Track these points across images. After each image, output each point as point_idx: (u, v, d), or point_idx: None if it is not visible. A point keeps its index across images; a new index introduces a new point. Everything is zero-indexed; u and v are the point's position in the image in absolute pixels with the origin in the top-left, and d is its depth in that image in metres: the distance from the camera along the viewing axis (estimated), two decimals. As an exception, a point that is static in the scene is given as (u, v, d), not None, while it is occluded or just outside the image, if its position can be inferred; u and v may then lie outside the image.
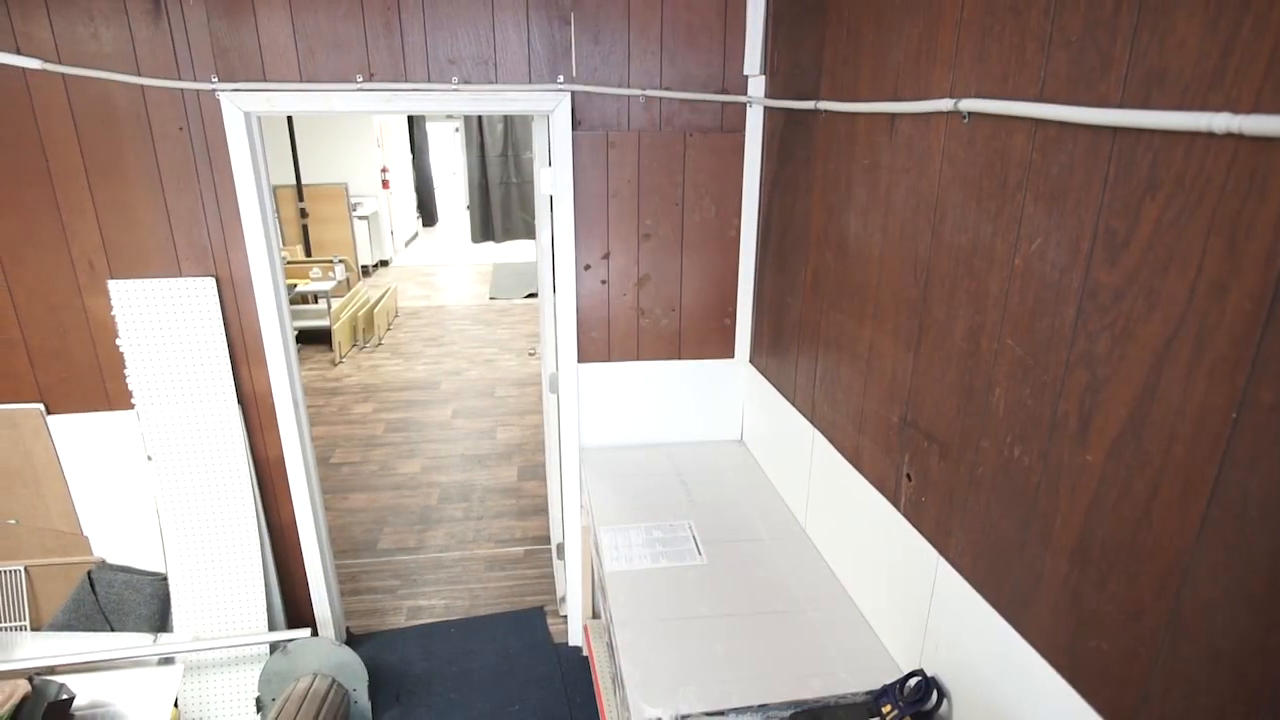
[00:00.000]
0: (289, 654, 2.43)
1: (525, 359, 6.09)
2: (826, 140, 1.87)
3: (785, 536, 2.08)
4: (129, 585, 2.57)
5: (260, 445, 2.51)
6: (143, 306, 2.31)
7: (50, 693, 2.23)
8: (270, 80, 2.17)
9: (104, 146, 2.18)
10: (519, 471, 4.21)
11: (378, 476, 4.18)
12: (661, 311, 2.51)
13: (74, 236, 2.26)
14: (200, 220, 2.27)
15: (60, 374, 2.38)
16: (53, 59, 2.09)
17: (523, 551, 3.47)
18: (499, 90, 2.24)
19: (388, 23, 2.16)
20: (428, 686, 2.68)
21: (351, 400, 5.28)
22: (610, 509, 2.22)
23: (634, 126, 2.32)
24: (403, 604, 3.14)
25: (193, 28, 2.11)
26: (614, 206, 2.38)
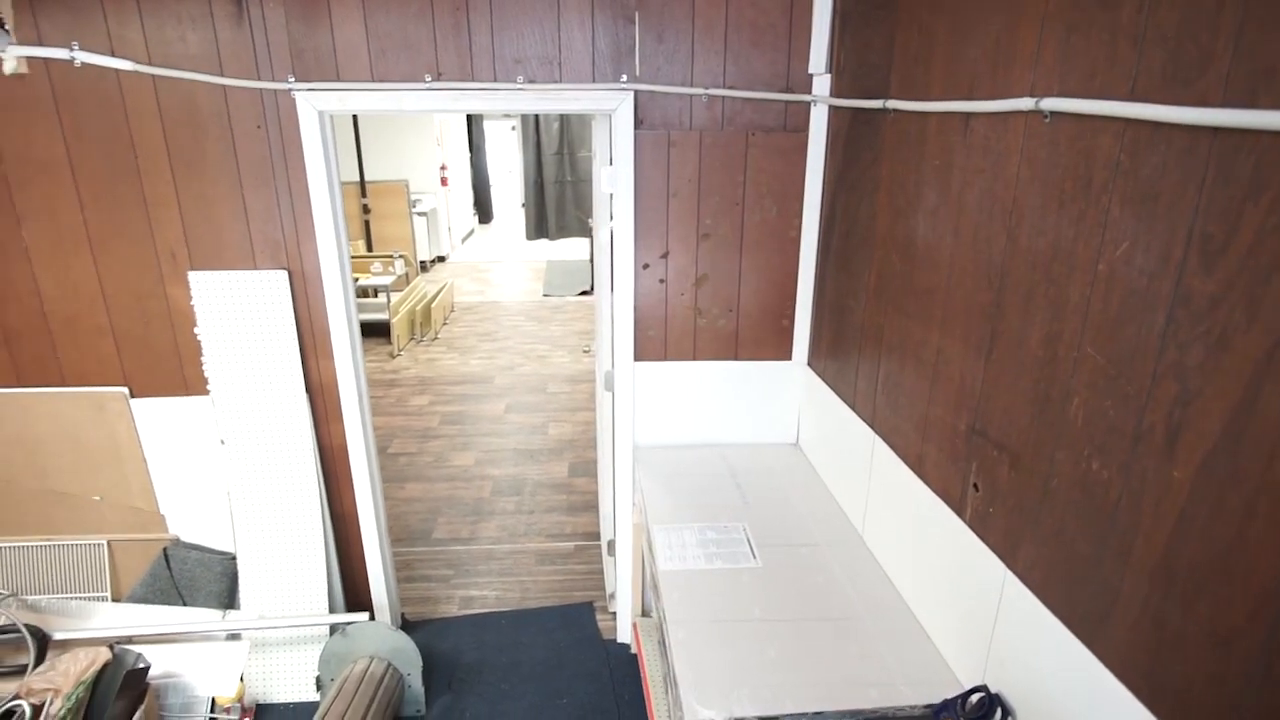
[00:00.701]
0: (348, 636, 2.50)
1: (577, 356, 6.14)
2: (895, 140, 1.83)
3: (841, 542, 2.05)
4: (201, 563, 2.69)
5: (325, 434, 2.59)
6: (219, 297, 2.41)
7: (129, 661, 2.35)
8: (343, 80, 2.24)
9: (188, 144, 2.29)
10: (570, 467, 4.25)
11: (433, 468, 4.27)
12: (719, 311, 2.49)
13: (158, 229, 2.37)
14: (275, 215, 2.36)
15: (143, 359, 2.51)
16: (144, 61, 2.19)
17: (573, 547, 3.50)
18: (563, 90, 2.26)
19: (456, 24, 2.20)
20: (479, 675, 2.73)
21: (409, 392, 5.41)
22: (664, 508, 2.23)
23: (696, 126, 2.31)
24: (455, 593, 3.20)
25: (272, 29, 2.19)
26: (674, 206, 2.38)
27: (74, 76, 2.21)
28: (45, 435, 2.56)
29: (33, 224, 2.34)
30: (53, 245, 2.37)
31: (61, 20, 2.15)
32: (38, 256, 2.38)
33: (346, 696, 2.30)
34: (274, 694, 2.63)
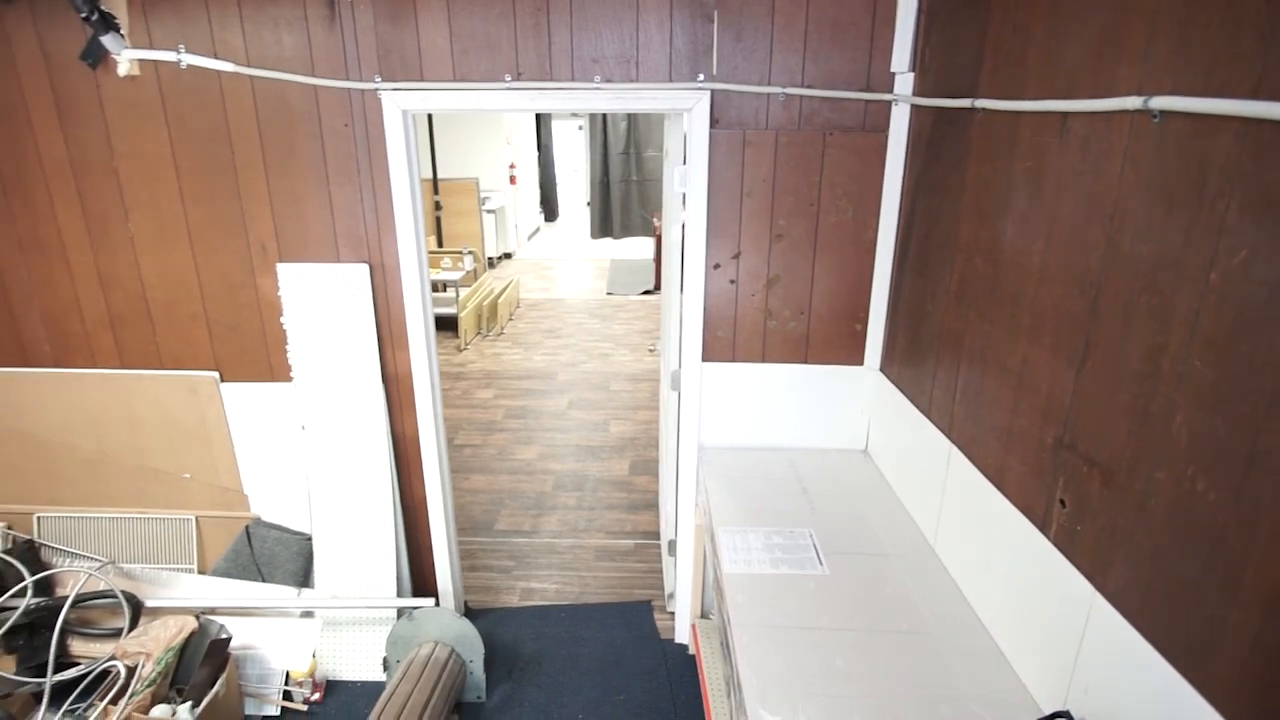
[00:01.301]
0: (414, 620, 2.58)
1: (640, 354, 6.16)
2: (983, 140, 1.77)
3: (912, 554, 1.99)
4: (280, 542, 2.81)
5: (399, 423, 2.68)
6: (305, 288, 2.51)
7: (213, 631, 2.48)
8: (427, 80, 2.30)
9: (280, 141, 2.39)
10: (631, 466, 4.27)
11: (496, 460, 4.36)
12: (790, 314, 2.46)
13: (251, 223, 2.49)
14: (358, 211, 2.45)
15: (233, 346, 2.64)
16: (243, 62, 2.31)
17: (632, 545, 3.51)
18: (639, 89, 2.27)
19: (537, 24, 2.24)
20: (538, 666, 2.77)
21: (474, 386, 5.53)
22: (729, 510, 2.21)
23: (772, 125, 2.28)
24: (516, 584, 3.26)
25: (361, 31, 2.27)
26: (747, 206, 2.36)
27: (180, 78, 2.34)
28: (144, 415, 2.73)
29: (139, 216, 2.49)
30: (155, 236, 2.52)
31: (171, 25, 2.28)
32: (142, 246, 2.53)
33: (412, 678, 2.37)
34: (343, 671, 2.73)
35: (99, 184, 2.47)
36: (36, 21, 2.31)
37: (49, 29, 2.31)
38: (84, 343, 2.67)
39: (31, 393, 2.72)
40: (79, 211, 2.50)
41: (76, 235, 2.53)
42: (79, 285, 2.59)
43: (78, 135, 2.42)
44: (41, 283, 2.60)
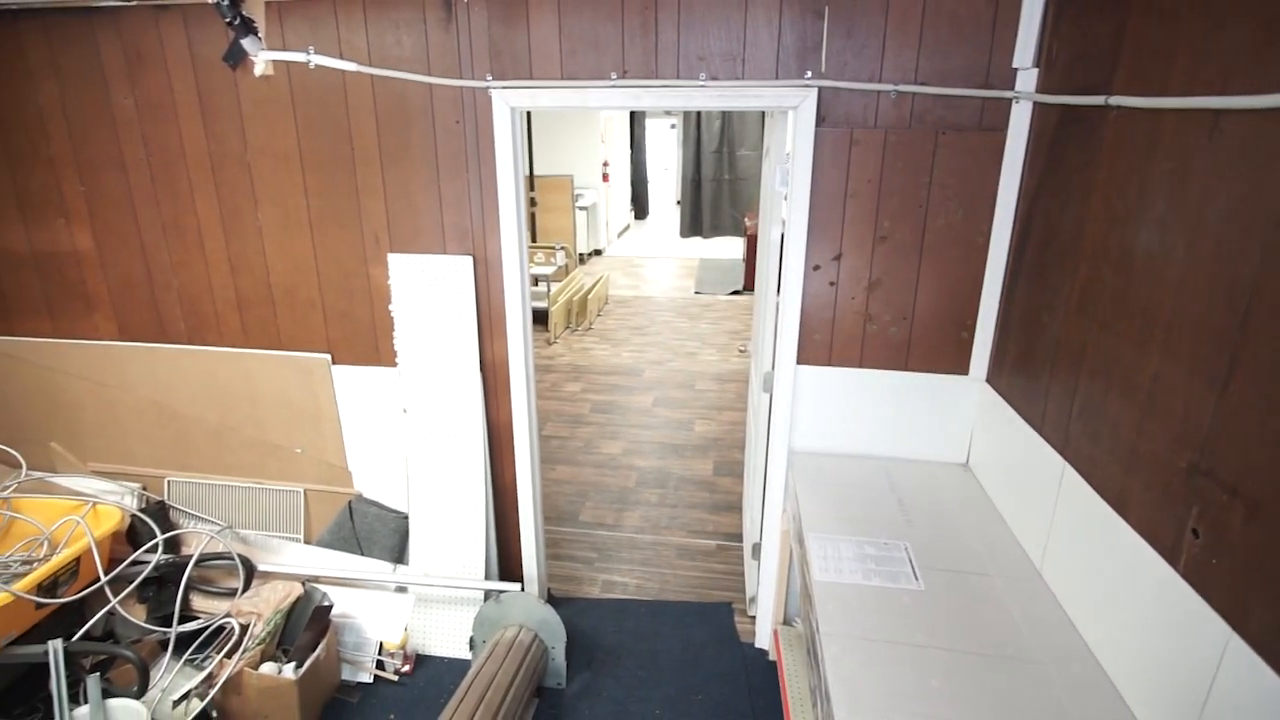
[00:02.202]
0: (501, 603, 2.65)
1: (726, 354, 6.12)
2: (1116, 140, 1.65)
3: (1016, 575, 1.89)
4: (379, 518, 2.95)
5: (493, 410, 2.76)
6: (413, 278, 2.63)
7: (316, 597, 2.63)
8: (535, 78, 2.36)
9: (396, 138, 2.51)
10: (714, 466, 4.24)
11: (582, 453, 4.43)
12: (891, 319, 2.38)
13: (366, 215, 2.62)
14: (465, 204, 2.54)
15: (344, 331, 2.79)
16: (365, 62, 2.43)
17: (714, 546, 3.49)
18: (744, 86, 2.24)
19: (644, 22, 2.25)
20: (617, 659, 2.80)
21: (562, 379, 5.64)
22: (819, 517, 2.16)
23: (881, 124, 2.21)
24: (598, 576, 3.30)
25: (475, 32, 2.35)
26: (851, 207, 2.30)
27: (308, 77, 2.49)
28: (263, 392, 2.92)
29: (267, 207, 2.67)
30: (280, 225, 2.69)
31: (302, 28, 2.43)
32: (268, 235, 2.71)
33: (497, 659, 2.44)
34: (432, 646, 2.84)
35: (233, 176, 2.66)
36: (187, 26, 2.51)
37: (197, 33, 2.51)
38: (214, 322, 2.88)
39: (167, 366, 2.97)
40: (215, 201, 2.71)
41: (212, 223, 2.74)
42: (212, 269, 2.80)
43: (217, 130, 2.61)
44: (180, 266, 2.82)
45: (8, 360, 3.09)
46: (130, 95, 2.62)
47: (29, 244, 2.91)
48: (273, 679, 2.37)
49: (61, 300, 2.97)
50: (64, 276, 2.93)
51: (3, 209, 2.87)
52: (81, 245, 2.87)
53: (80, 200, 2.80)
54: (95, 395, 3.08)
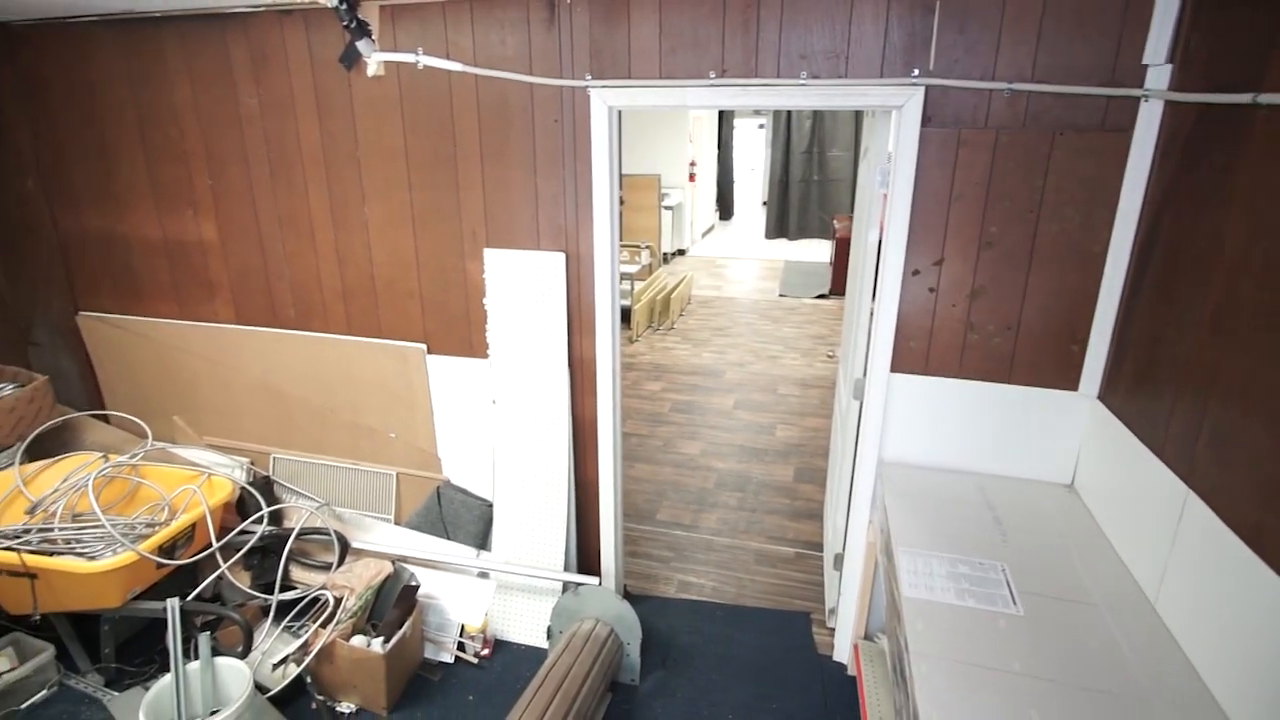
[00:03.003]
0: (579, 596, 2.69)
1: (810, 359, 6.00)
2: (1265, 141, 1.51)
3: (1126, 609, 1.77)
4: (465, 505, 3.05)
5: (579, 406, 2.80)
6: (507, 273, 2.69)
7: (405, 577, 2.73)
8: (634, 78, 2.37)
9: (496, 136, 2.58)
10: (795, 472, 4.16)
11: (661, 452, 4.44)
12: (995, 328, 2.27)
13: (465, 210, 2.70)
14: (560, 202, 2.58)
15: (440, 322, 2.89)
16: (470, 62, 2.51)
17: (793, 553, 3.43)
18: (847, 85, 2.19)
19: (746, 20, 2.22)
20: (691, 660, 2.79)
21: (643, 377, 5.66)
22: (910, 531, 2.09)
23: (992, 124, 2.11)
24: (674, 576, 3.30)
25: (576, 32, 2.39)
26: (956, 210, 2.20)
27: (416, 77, 2.59)
28: (363, 377, 3.07)
29: (374, 201, 2.80)
30: (385, 219, 2.81)
31: (412, 30, 2.53)
32: (374, 229, 2.84)
33: (574, 651, 2.48)
34: (510, 633, 2.91)
35: (343, 172, 2.80)
36: (308, 30, 2.65)
37: (316, 36, 2.65)
38: (321, 310, 3.04)
39: (277, 350, 3.15)
40: (326, 195, 2.85)
41: (323, 216, 2.89)
42: (321, 260, 2.96)
43: (331, 128, 2.75)
44: (292, 256, 2.99)
45: (139, 339, 3.36)
46: (255, 95, 2.80)
47: (162, 232, 3.15)
48: (363, 651, 2.48)
49: (187, 285, 3.21)
50: (190, 263, 3.16)
51: (141, 200, 3.12)
52: (207, 235, 3.09)
53: (207, 193, 3.01)
54: (212, 374, 3.31)
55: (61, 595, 2.45)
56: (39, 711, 2.59)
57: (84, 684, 2.69)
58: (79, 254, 3.32)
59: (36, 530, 2.58)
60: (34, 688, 2.63)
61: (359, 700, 2.58)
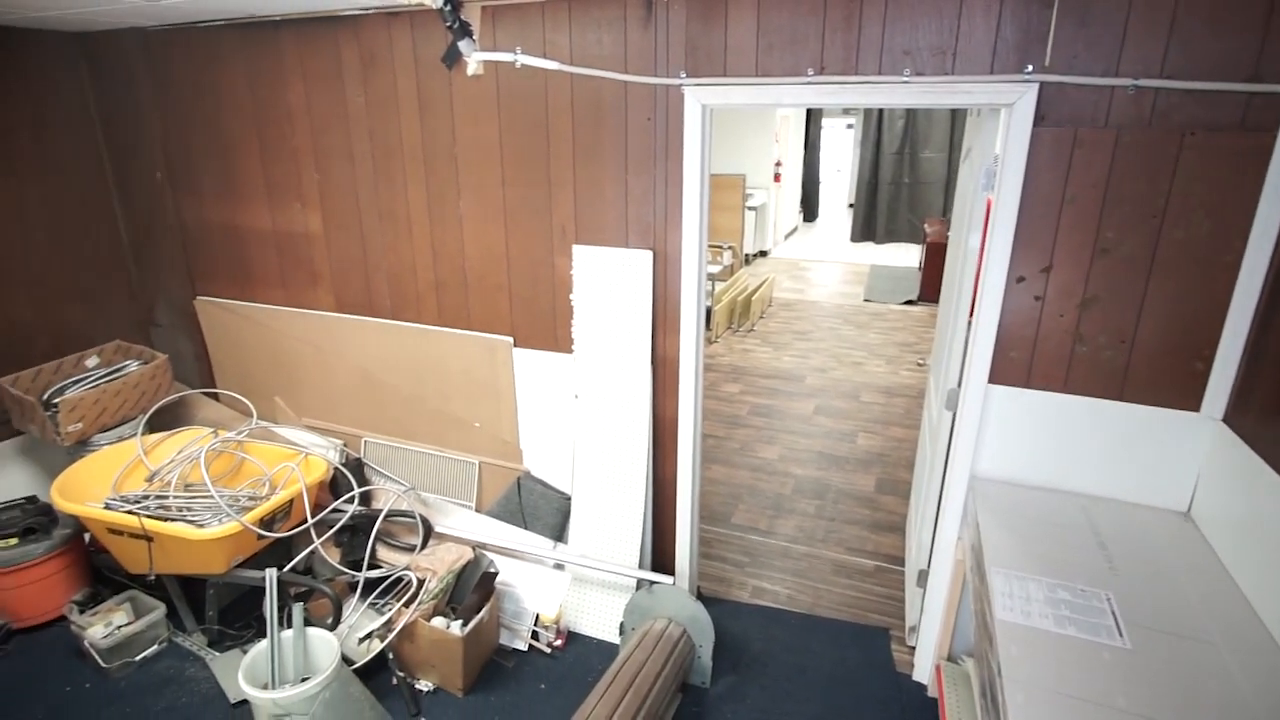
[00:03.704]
0: (653, 594, 2.69)
1: (896, 367, 5.81)
2: None
3: (1249, 648, 1.62)
4: (543, 496, 3.10)
5: (660, 404, 2.80)
6: (594, 269, 2.72)
7: (484, 563, 2.80)
8: (729, 76, 2.35)
9: (589, 134, 2.60)
10: (877, 483, 4.04)
11: (738, 454, 4.39)
12: (1107, 340, 2.13)
13: (555, 207, 2.74)
14: (650, 200, 2.58)
15: (527, 316, 2.95)
16: (567, 61, 2.54)
17: (872, 566, 3.33)
18: (952, 83, 2.10)
19: (848, 16, 2.17)
20: (764, 667, 2.74)
21: (721, 379, 5.62)
22: (1005, 551, 1.98)
23: (1113, 123, 1.98)
24: (748, 580, 3.25)
25: (673, 30, 2.38)
26: (1068, 214, 2.08)
27: (513, 76, 2.64)
28: (451, 367, 3.16)
29: (468, 197, 2.88)
30: (479, 215, 2.89)
31: (512, 29, 2.59)
32: (467, 224, 2.92)
33: (646, 648, 2.48)
34: (582, 625, 2.94)
35: (441, 168, 2.89)
36: (413, 30, 2.75)
37: (420, 36, 2.75)
38: (414, 301, 3.15)
39: (373, 338, 3.29)
40: (424, 190, 2.96)
41: (420, 210, 2.99)
42: (416, 253, 3.07)
43: (431, 126, 2.85)
44: (390, 248, 3.12)
45: (247, 323, 3.58)
46: (362, 94, 2.92)
47: (272, 224, 3.34)
48: (442, 632, 2.56)
49: (293, 273, 3.39)
50: (297, 253, 3.34)
51: (255, 193, 3.32)
52: (312, 227, 3.25)
53: (314, 187, 3.18)
54: (313, 359, 3.49)
55: (174, 558, 2.63)
56: (150, 664, 2.79)
57: (189, 642, 2.89)
58: (198, 242, 3.56)
59: (154, 497, 2.78)
60: (146, 642, 2.84)
61: (437, 679, 2.66)
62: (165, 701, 2.61)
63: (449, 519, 3.15)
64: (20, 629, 2.95)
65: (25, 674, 2.75)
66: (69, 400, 3.02)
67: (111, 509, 2.64)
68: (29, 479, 3.44)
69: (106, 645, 2.71)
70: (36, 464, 3.47)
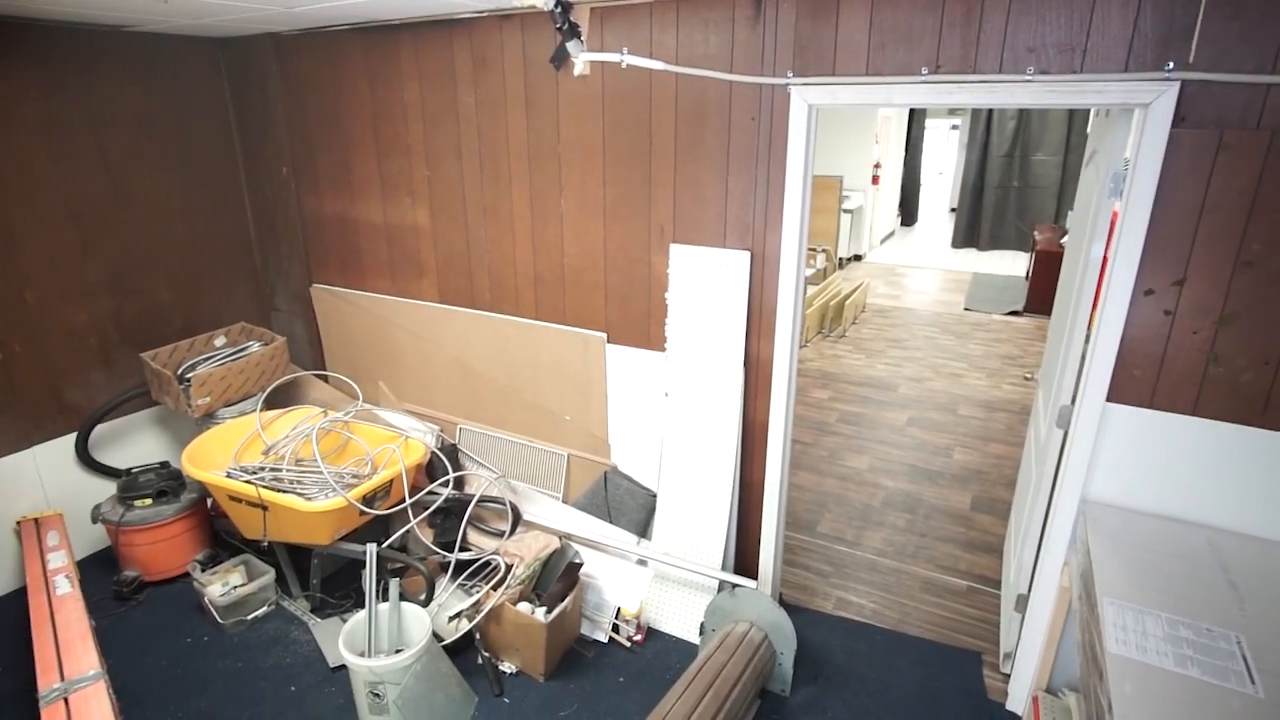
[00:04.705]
0: (735, 597, 2.67)
1: (997, 379, 5.53)
2: None
3: None
4: (629, 492, 3.13)
5: (751, 407, 2.77)
6: (690, 269, 2.72)
7: (570, 553, 2.85)
8: (838, 75, 2.30)
9: (691, 133, 2.61)
10: (973, 500, 3.86)
11: (825, 462, 4.29)
12: (1247, 362, 1.96)
13: (655, 206, 2.77)
14: (749, 200, 2.57)
15: (621, 313, 2.98)
16: (672, 61, 2.55)
17: (965, 586, 3.19)
18: (1081, 81, 1.98)
19: (968, 11, 2.08)
20: (846, 681, 2.68)
21: (810, 384, 5.51)
22: (1119, 581, 1.86)
23: (1266, 124, 1.82)
24: (832, 591, 3.18)
25: (781, 29, 2.35)
26: (1206, 223, 1.92)
27: (618, 76, 2.68)
28: (545, 361, 3.24)
29: (570, 194, 2.94)
30: (579, 212, 2.94)
31: (619, 30, 2.62)
32: (568, 221, 2.98)
33: (728, 650, 2.46)
34: (662, 623, 2.95)
35: (544, 166, 2.96)
36: (524, 32, 2.83)
37: (530, 38, 2.82)
38: (513, 295, 3.25)
39: (471, 329, 3.41)
40: (527, 187, 3.04)
41: (522, 207, 3.08)
42: (517, 248, 3.16)
43: (536, 125, 2.93)
44: (492, 243, 3.22)
45: (357, 310, 3.78)
46: (472, 94, 3.04)
47: (384, 217, 3.52)
48: (527, 617, 2.63)
49: (401, 265, 3.56)
50: (405, 246, 3.50)
51: (369, 188, 3.50)
52: (420, 221, 3.41)
53: (424, 183, 3.32)
54: (414, 346, 3.65)
55: (284, 527, 2.81)
56: (260, 624, 3.00)
57: (294, 607, 3.08)
58: (316, 233, 3.79)
59: (269, 469, 2.98)
60: (257, 603, 3.05)
61: (519, 663, 2.74)
62: (272, 660, 2.80)
63: (536, 507, 3.23)
64: (150, 582, 3.23)
65: (153, 623, 3.01)
66: (199, 376, 3.28)
67: (232, 478, 2.85)
68: (163, 446, 3.77)
69: (223, 603, 2.93)
70: (169, 432, 3.79)
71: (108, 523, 3.14)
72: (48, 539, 3.01)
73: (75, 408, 3.37)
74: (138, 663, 2.79)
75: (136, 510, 3.13)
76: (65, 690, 2.14)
